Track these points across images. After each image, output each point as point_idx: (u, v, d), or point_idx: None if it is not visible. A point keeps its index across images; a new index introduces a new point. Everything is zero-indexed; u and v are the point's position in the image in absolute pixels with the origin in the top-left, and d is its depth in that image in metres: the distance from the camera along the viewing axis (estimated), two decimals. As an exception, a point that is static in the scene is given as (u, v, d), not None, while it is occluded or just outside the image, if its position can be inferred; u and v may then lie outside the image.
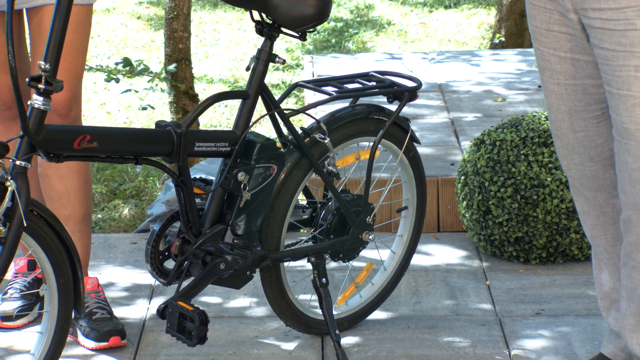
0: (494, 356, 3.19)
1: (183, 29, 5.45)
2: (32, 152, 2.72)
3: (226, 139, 3.00)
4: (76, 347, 3.23)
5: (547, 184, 3.68)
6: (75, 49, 3.14)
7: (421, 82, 3.29)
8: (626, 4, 2.56)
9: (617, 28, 2.58)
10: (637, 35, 2.56)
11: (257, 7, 3.00)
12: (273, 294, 3.18)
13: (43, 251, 2.79)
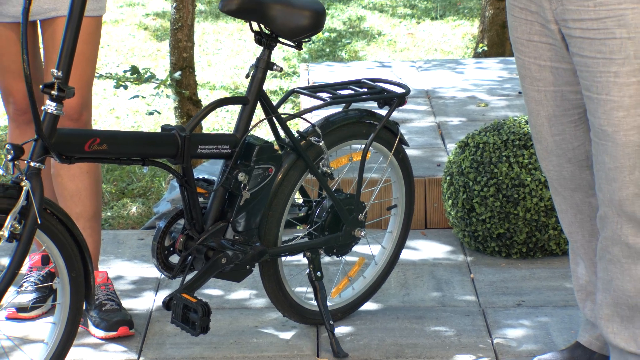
0: (477, 345, 3.19)
1: (187, 39, 5.44)
2: (46, 154, 2.72)
3: (227, 141, 3.00)
4: (87, 337, 3.22)
5: (527, 184, 3.67)
6: (85, 57, 3.13)
7: (409, 88, 3.29)
8: (605, 14, 2.56)
9: (597, 37, 2.58)
10: (616, 43, 2.56)
11: (256, 19, 3.00)
12: (271, 286, 3.17)
13: (56, 247, 2.79)
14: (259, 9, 2.97)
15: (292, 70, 6.69)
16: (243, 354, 3.14)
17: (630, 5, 2.54)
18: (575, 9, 2.60)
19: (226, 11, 2.94)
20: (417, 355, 3.13)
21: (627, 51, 2.56)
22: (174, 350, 3.16)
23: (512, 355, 3.12)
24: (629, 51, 2.56)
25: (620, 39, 2.56)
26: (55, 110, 2.70)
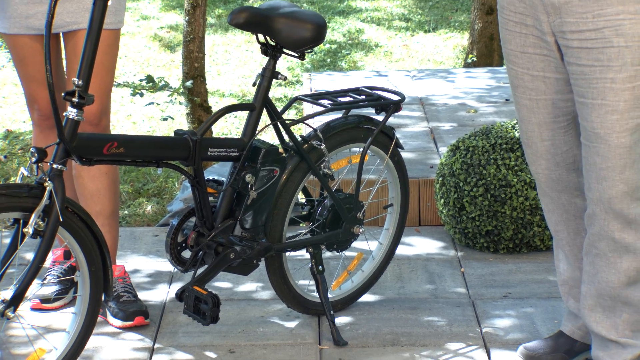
0: (467, 334, 3.18)
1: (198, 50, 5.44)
2: (67, 157, 2.72)
3: (235, 145, 3.00)
4: (106, 326, 3.22)
5: (513, 184, 3.67)
6: (104, 67, 3.14)
7: (404, 96, 3.29)
8: (604, 25, 2.56)
9: (595, 46, 2.58)
10: (614, 51, 2.56)
11: (262, 31, 3.00)
12: (276, 279, 3.17)
13: (76, 242, 2.79)
14: (265, 22, 2.98)
15: (296, 79, 6.69)
16: (250, 342, 3.14)
17: (627, 16, 2.54)
18: (574, 21, 2.60)
19: (235, 24, 2.94)
20: (412, 343, 3.12)
21: (625, 58, 2.56)
22: (186, 338, 3.16)
23: (500, 343, 3.12)
24: (626, 59, 2.56)
25: (618, 47, 2.56)
26: (76, 116, 2.70)
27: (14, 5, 3.11)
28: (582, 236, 2.87)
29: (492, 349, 3.09)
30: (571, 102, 2.75)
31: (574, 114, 2.76)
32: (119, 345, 3.13)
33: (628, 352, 2.77)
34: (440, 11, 8.65)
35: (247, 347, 3.12)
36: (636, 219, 2.65)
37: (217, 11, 8.45)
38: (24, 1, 3.11)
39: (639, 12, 2.54)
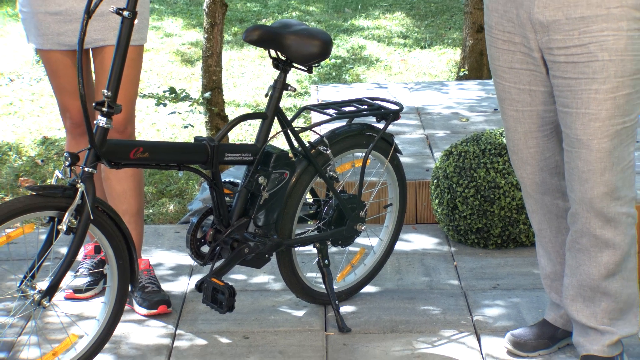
0: (460, 321, 3.18)
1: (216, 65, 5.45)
2: (97, 161, 2.72)
3: (249, 150, 3.00)
4: (132, 314, 3.22)
5: (501, 186, 3.67)
6: (129, 79, 3.14)
7: (402, 106, 3.29)
8: (589, 40, 2.56)
9: (581, 60, 2.58)
10: (599, 64, 2.56)
11: (274, 47, 3.00)
12: (286, 272, 3.17)
13: (106, 238, 2.79)
14: (276, 39, 2.98)
15: (304, 90, 6.69)
16: (262, 329, 3.14)
17: (611, 33, 2.54)
18: (561, 38, 2.59)
19: (249, 41, 2.94)
20: (409, 330, 3.12)
21: (609, 71, 2.56)
22: (204, 325, 3.16)
23: (489, 330, 3.12)
24: (610, 71, 2.56)
25: (602, 61, 2.55)
26: (105, 124, 2.70)
27: (47, 23, 3.12)
28: (563, 234, 2.87)
29: (482, 336, 3.08)
30: (554, 112, 2.74)
31: (556, 123, 2.76)
32: (144, 332, 3.13)
33: (606, 338, 2.76)
34: (435, 29, 8.65)
35: (260, 333, 3.11)
36: (615, 217, 2.64)
37: (233, 29, 8.45)
38: (55, 20, 3.11)
39: (621, 28, 2.54)
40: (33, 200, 2.64)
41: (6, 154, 5.36)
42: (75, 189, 2.67)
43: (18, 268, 3.46)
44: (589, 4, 2.54)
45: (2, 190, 4.81)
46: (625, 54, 2.55)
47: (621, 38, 2.54)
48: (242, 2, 9.57)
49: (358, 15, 9.13)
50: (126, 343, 3.05)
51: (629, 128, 2.61)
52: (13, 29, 8.33)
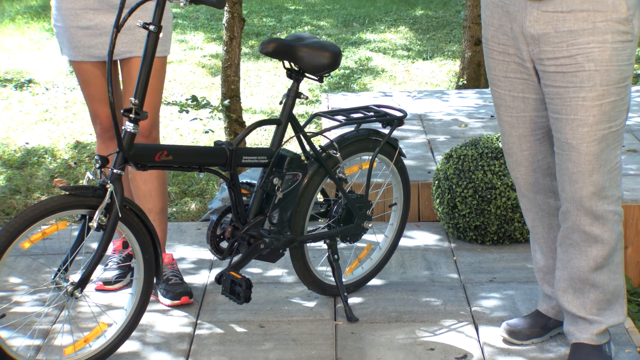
0: (459, 312, 3.17)
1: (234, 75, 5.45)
2: (125, 163, 2.72)
3: (265, 153, 2.99)
4: (157, 304, 3.22)
5: (497, 187, 3.65)
6: (154, 88, 3.14)
7: (406, 112, 3.28)
8: (576, 52, 2.55)
9: (570, 70, 2.58)
10: (586, 74, 2.56)
11: (288, 59, 3.00)
12: (299, 266, 3.17)
13: (133, 235, 2.79)
14: (290, 51, 2.97)
15: (315, 98, 6.69)
16: (277, 318, 3.13)
17: (597, 45, 2.53)
18: (551, 49, 2.59)
19: (265, 53, 2.94)
20: (412, 320, 3.11)
21: (595, 80, 2.55)
22: (223, 315, 3.16)
23: (486, 320, 3.10)
24: (596, 80, 2.55)
25: (589, 71, 2.55)
26: (132, 129, 2.70)
27: (79, 37, 3.12)
28: (555, 231, 2.86)
29: (480, 325, 3.07)
30: (546, 118, 2.74)
31: (547, 128, 2.75)
32: (168, 321, 3.12)
33: (594, 327, 2.75)
34: (436, 42, 8.64)
35: (275, 322, 3.11)
36: (602, 214, 2.63)
37: (250, 42, 8.46)
38: (86, 34, 3.12)
39: (606, 41, 2.53)
40: (66, 200, 2.65)
41: (42, 156, 5.38)
42: (105, 189, 2.67)
43: (52, 262, 3.47)
44: (577, 18, 2.53)
45: (38, 190, 4.82)
46: (610, 64, 2.54)
47: (606, 50, 2.53)
48: (259, 17, 9.57)
49: (365, 29, 9.13)
50: (151, 331, 3.05)
51: (615, 133, 2.60)
52: (49, 43, 8.35)
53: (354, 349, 2.93)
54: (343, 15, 9.75)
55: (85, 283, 2.71)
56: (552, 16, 2.56)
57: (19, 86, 6.90)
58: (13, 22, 9.18)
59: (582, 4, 2.53)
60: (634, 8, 2.55)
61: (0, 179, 4.98)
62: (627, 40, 2.54)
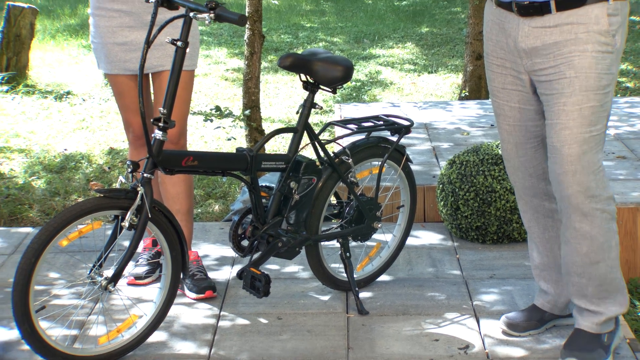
0: (461, 306, 3.15)
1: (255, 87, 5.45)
2: (154, 168, 2.72)
3: (283, 159, 2.99)
4: (183, 298, 3.21)
5: (497, 190, 3.64)
6: (182, 99, 3.14)
7: (413, 121, 3.27)
8: (560, 61, 2.56)
9: (554, 78, 2.59)
10: (566, 81, 2.56)
11: (304, 72, 2.99)
12: (314, 263, 3.16)
13: (161, 233, 2.79)
14: (306, 65, 2.97)
15: (329, 108, 6.68)
16: (293, 311, 3.13)
17: (577, 53, 2.54)
18: (540, 61, 2.60)
19: (283, 67, 2.94)
20: (418, 313, 3.10)
21: (574, 86, 2.55)
22: (244, 307, 3.15)
23: (487, 313, 3.09)
24: (575, 86, 2.55)
25: (569, 77, 2.55)
26: (161, 137, 2.70)
27: (115, 52, 3.13)
28: (549, 231, 2.85)
29: (480, 318, 3.05)
30: (540, 127, 2.73)
31: (542, 137, 2.75)
32: (193, 313, 3.12)
33: (596, 317, 2.75)
34: (440, 57, 8.62)
35: (291, 314, 3.10)
36: (590, 212, 2.62)
37: (269, 57, 8.47)
38: (122, 49, 3.12)
39: (586, 50, 2.53)
40: (101, 201, 2.65)
41: (79, 162, 5.39)
42: (136, 192, 2.68)
43: (88, 258, 3.48)
44: (561, 31, 2.54)
45: (76, 193, 4.84)
46: (589, 71, 2.54)
47: (586, 57, 2.53)
48: (277, 34, 9.58)
49: (375, 45, 9.12)
50: (178, 322, 3.05)
51: (596, 137, 2.59)
52: (86, 58, 8.39)
53: (365, 339, 2.92)
54: (354, 32, 9.74)
55: (118, 278, 2.71)
56: (540, 31, 2.57)
57: (59, 97, 6.93)
58: (53, 39, 9.23)
59: (567, 18, 2.54)
60: (617, 24, 2.55)
61: (41, 182, 5.00)
62: (607, 51, 2.55)
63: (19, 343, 2.87)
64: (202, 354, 2.84)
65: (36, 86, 7.19)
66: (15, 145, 5.72)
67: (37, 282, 2.62)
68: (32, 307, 2.61)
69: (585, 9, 2.52)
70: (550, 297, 2.91)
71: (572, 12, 2.54)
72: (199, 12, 2.67)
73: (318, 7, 11.48)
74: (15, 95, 6.89)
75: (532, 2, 2.57)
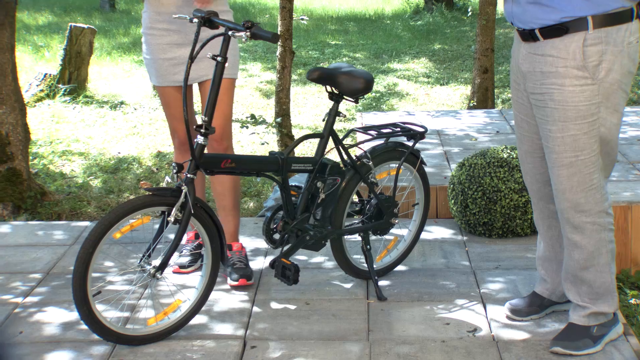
0: (470, 293, 3.12)
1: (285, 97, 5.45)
2: (197, 169, 2.73)
3: (310, 162, 2.98)
4: (222, 284, 3.21)
5: (502, 190, 3.60)
6: (225, 103, 3.12)
7: (427, 128, 3.25)
8: (545, 90, 2.53)
9: (540, 105, 2.56)
10: (549, 110, 2.53)
11: (329, 84, 2.98)
12: (338, 254, 3.15)
13: (202, 227, 2.80)
14: (331, 77, 2.96)
15: (352, 116, 6.66)
16: (320, 297, 3.11)
17: (556, 87, 2.49)
18: (532, 85, 2.58)
19: (311, 79, 2.93)
20: (431, 300, 3.07)
21: (554, 116, 2.51)
22: (276, 294, 3.15)
23: (493, 300, 3.06)
24: (555, 116, 2.51)
25: (550, 108, 2.52)
26: (203, 142, 2.70)
27: (164, 67, 3.13)
28: (552, 230, 2.84)
29: (487, 304, 3.02)
30: None
31: None
32: (231, 298, 3.12)
33: (584, 310, 2.72)
34: (451, 71, 8.57)
35: (318, 300, 3.09)
36: (580, 225, 2.59)
37: (298, 71, 8.46)
38: (170, 64, 3.13)
39: (564, 84, 2.48)
40: (150, 199, 2.66)
41: (130, 164, 5.43)
42: (180, 190, 2.68)
43: (138, 249, 3.49)
44: (546, 62, 2.50)
45: (128, 191, 4.87)
46: (567, 105, 2.48)
47: (563, 92, 2.48)
48: (306, 50, 9.58)
49: (392, 60, 9.08)
50: (217, 306, 3.05)
51: (586, 160, 2.52)
52: (137, 72, 8.44)
53: (383, 323, 2.90)
54: (375, 48, 9.72)
55: (164, 267, 2.72)
56: (533, 57, 2.53)
57: (113, 107, 6.98)
58: (109, 56, 9.30)
59: (550, 50, 2.48)
60: (599, 54, 2.44)
61: (98, 181, 5.03)
62: (585, 84, 2.46)
63: (78, 323, 2.88)
64: (239, 334, 2.83)
65: (94, 97, 7.25)
66: (76, 149, 5.77)
67: (93, 269, 2.64)
68: (90, 292, 2.62)
69: (565, 42, 2.44)
70: (549, 286, 2.89)
71: (555, 43, 2.46)
72: (237, 31, 2.67)
73: (342, 27, 11.46)
74: (75, 105, 6.95)
75: (522, 29, 2.52)
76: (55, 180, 5.03)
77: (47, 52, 9.36)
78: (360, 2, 14.28)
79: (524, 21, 2.51)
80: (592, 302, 2.69)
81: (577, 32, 2.43)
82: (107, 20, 12.03)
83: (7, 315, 2.96)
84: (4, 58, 4.17)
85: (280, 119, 5.42)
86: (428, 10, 12.80)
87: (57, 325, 2.90)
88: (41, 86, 7.05)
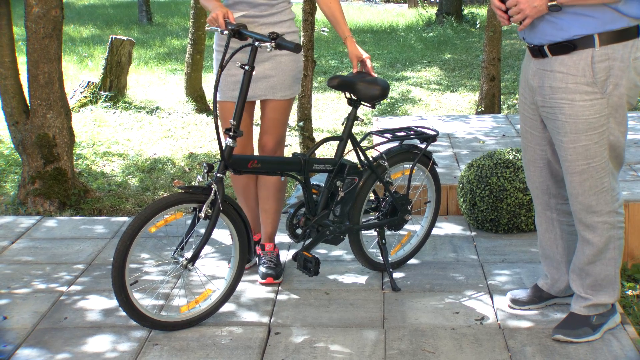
0: (478, 284, 3.10)
1: (307, 103, 5.45)
2: (225, 169, 2.72)
3: (330, 162, 2.97)
4: (248, 276, 3.20)
5: (508, 189, 3.57)
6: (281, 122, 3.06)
7: (438, 132, 3.22)
8: (555, 104, 2.50)
9: (551, 117, 2.54)
10: (560, 123, 2.50)
11: (348, 91, 2.97)
12: (355, 248, 3.13)
13: (231, 223, 2.79)
14: (350, 85, 2.94)
15: (369, 120, 6.64)
16: (338, 288, 3.10)
17: (567, 102, 2.46)
18: (541, 99, 2.55)
19: (331, 86, 2.92)
20: (442, 290, 3.05)
21: (565, 129, 2.49)
22: (298, 284, 3.14)
23: (499, 291, 3.03)
24: (566, 129, 2.48)
25: (562, 121, 2.49)
26: (231, 144, 2.70)
27: (225, 82, 3.01)
28: (549, 233, 2.82)
29: (494, 295, 2.99)
30: (545, 151, 2.68)
31: (547, 160, 2.70)
32: (257, 288, 3.12)
33: (585, 301, 2.69)
34: (460, 79, 8.52)
35: (337, 290, 3.08)
36: (592, 224, 2.57)
37: (319, 78, 8.45)
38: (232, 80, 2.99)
39: (574, 99, 2.45)
40: (182, 196, 2.66)
41: (165, 164, 5.45)
42: (210, 189, 2.68)
43: (172, 242, 3.50)
44: (555, 78, 2.47)
45: (162, 189, 4.88)
46: (577, 118, 2.45)
47: (574, 107, 2.45)
48: (326, 60, 9.56)
49: (406, 69, 9.04)
50: (244, 296, 3.05)
51: (597, 167, 2.50)
52: (171, 79, 8.47)
53: (397, 311, 2.88)
54: (390, 58, 9.68)
55: (196, 258, 2.72)
56: (542, 73, 2.51)
57: (149, 112, 7.02)
58: (146, 65, 9.34)
59: (559, 67, 2.45)
60: (606, 70, 2.41)
61: (135, 180, 5.06)
62: (595, 99, 2.43)
63: (117, 310, 2.90)
64: (264, 322, 2.83)
65: (132, 103, 7.29)
66: (115, 150, 5.80)
67: (131, 261, 2.65)
68: (127, 281, 2.63)
69: (573, 59, 2.41)
70: (549, 281, 2.87)
71: (564, 60, 2.43)
72: (263, 42, 2.67)
73: (360, 38, 11.43)
74: (115, 110, 6.99)
75: (532, 45, 2.49)
76: (96, 179, 5.07)
77: (90, 62, 9.43)
78: (377, 16, 14.24)
79: (534, 37, 2.48)
80: (594, 293, 2.67)
81: (585, 49, 2.40)
82: (144, 33, 12.10)
83: (54, 302, 2.98)
84: (52, 67, 4.21)
85: (302, 123, 5.41)
86: (439, 22, 12.76)
87: (98, 311, 2.91)
88: (85, 93, 7.11)
